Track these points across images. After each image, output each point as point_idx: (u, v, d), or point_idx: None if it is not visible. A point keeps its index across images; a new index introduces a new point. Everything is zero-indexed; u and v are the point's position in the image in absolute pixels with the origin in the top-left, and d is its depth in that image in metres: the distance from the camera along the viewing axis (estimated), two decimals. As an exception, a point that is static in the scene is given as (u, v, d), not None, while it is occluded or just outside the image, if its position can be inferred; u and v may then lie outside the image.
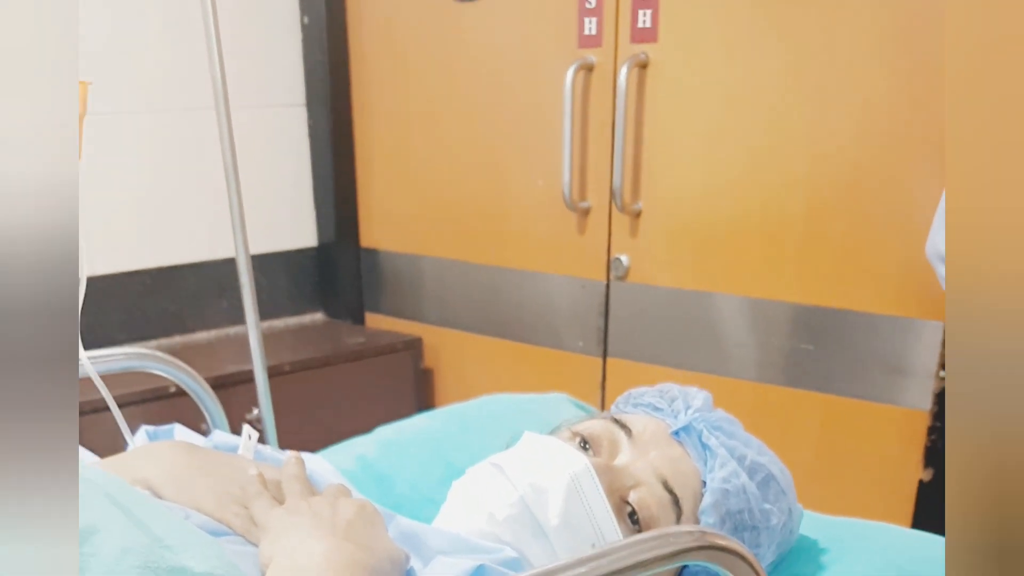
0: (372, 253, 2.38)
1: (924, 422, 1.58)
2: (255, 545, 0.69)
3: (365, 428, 2.11)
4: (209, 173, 1.97)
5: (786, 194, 1.65)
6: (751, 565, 0.63)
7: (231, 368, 1.88)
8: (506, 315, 2.12)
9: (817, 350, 1.67)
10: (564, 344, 2.03)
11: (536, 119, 1.96)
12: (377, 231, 2.36)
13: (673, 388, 0.93)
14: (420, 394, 2.25)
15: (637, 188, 1.84)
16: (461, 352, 2.24)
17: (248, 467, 0.77)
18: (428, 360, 2.28)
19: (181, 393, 1.07)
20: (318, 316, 2.41)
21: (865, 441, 1.65)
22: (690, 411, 0.88)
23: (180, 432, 0.92)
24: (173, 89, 2.04)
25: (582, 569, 0.59)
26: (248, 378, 1.11)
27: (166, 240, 2.10)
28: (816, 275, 1.65)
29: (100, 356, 0.98)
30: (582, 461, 0.79)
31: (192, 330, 2.14)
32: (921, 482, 1.59)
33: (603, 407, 1.96)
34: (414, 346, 2.22)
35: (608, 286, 1.94)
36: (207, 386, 1.04)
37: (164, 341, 2.10)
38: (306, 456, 0.93)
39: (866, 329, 1.61)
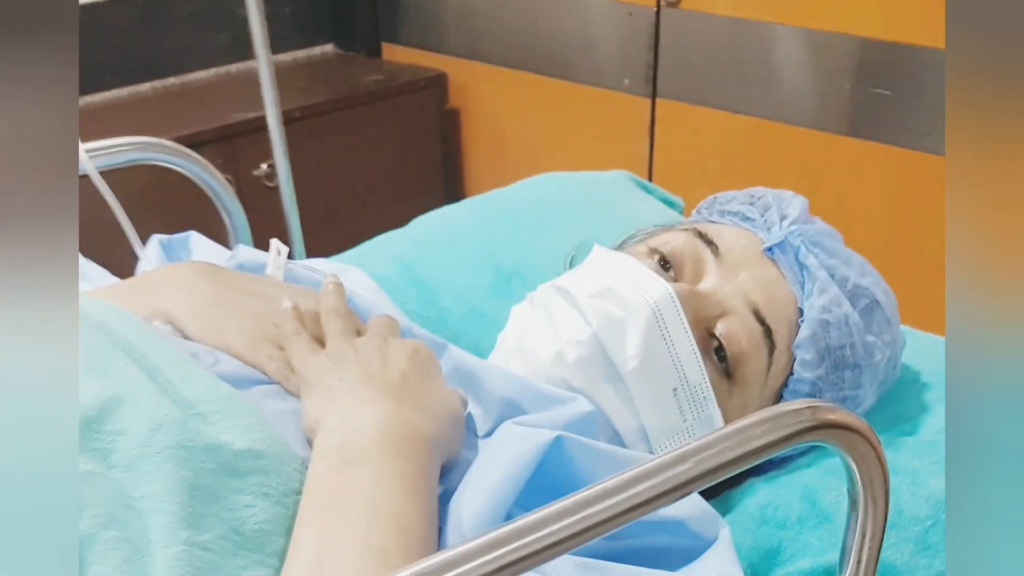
0: (387, -29, 2.20)
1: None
2: (294, 395, 0.63)
3: (385, 181, 1.99)
4: None
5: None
6: (870, 442, 0.56)
7: (237, 115, 1.74)
8: (541, 46, 1.97)
9: (894, 96, 1.55)
10: (607, 82, 1.89)
11: None
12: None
13: (766, 194, 0.82)
14: (445, 139, 2.15)
15: None
16: (490, 90, 2.10)
17: (282, 296, 0.69)
18: (453, 100, 2.15)
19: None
20: (328, 48, 2.25)
21: (943, 204, 1.53)
22: (786, 222, 0.78)
23: (197, 244, 0.85)
24: None
25: (686, 466, 0.53)
26: (257, 126, 0.97)
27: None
28: (901, 4, 1.49)
29: (100, 148, 0.88)
30: (663, 287, 0.69)
31: (189, 69, 1.97)
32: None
33: (651, 156, 1.86)
34: (438, 83, 2.10)
35: (658, 14, 1.77)
36: (228, 186, 0.92)
37: (158, 83, 1.94)
38: (341, 268, 0.85)
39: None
